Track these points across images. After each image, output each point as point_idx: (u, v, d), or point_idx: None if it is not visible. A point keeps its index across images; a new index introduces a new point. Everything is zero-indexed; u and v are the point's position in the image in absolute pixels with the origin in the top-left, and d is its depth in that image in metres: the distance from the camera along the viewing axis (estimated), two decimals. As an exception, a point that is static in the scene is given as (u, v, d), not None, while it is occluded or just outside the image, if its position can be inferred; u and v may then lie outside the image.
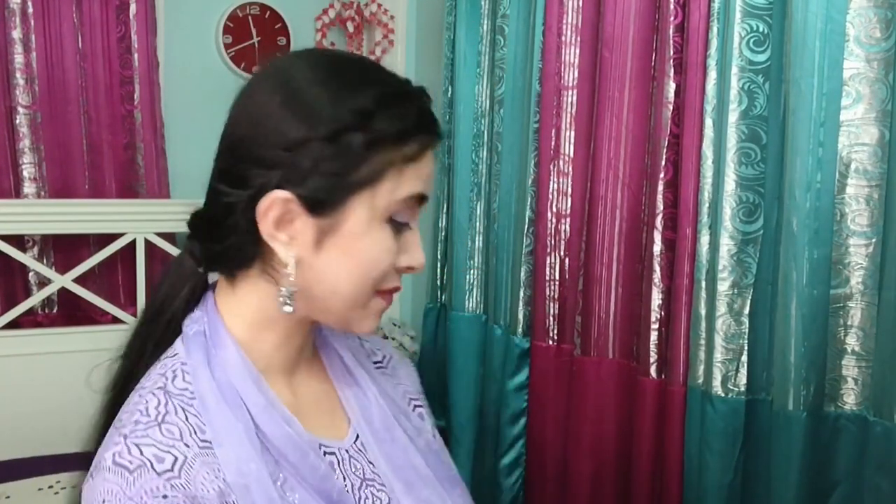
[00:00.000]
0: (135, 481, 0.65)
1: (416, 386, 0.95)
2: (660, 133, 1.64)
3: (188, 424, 0.70)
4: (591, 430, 1.83)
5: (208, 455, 0.69)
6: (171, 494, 0.65)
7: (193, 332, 0.76)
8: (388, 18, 2.55)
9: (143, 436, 0.68)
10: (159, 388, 0.72)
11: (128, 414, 0.71)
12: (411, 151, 0.72)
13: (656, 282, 1.66)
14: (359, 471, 0.79)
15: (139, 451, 0.67)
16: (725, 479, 1.51)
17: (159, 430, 0.69)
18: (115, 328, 2.31)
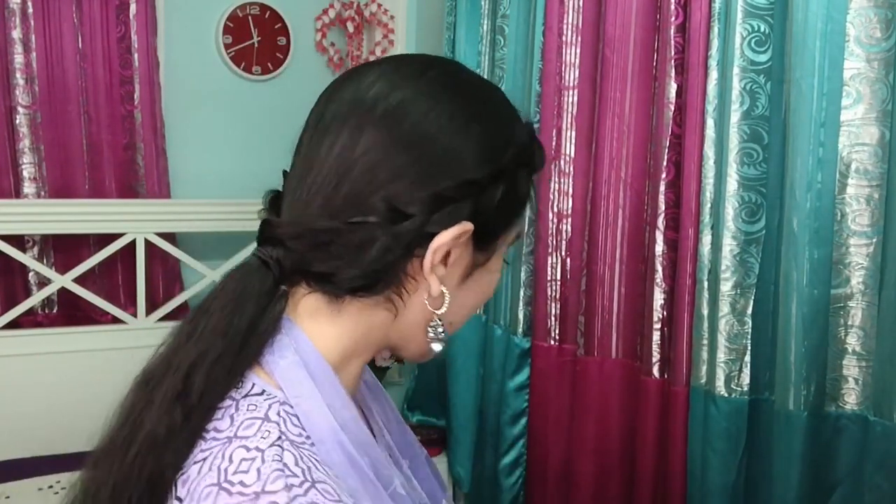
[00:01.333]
0: None
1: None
2: (661, 133, 1.64)
3: (337, 483, 0.59)
4: (593, 429, 1.83)
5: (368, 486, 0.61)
6: None
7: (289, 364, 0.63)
8: (388, 18, 2.55)
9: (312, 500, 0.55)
10: (280, 440, 0.58)
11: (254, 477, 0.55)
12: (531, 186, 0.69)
13: (659, 282, 1.66)
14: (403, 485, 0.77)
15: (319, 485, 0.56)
16: (728, 478, 1.51)
17: (317, 491, 0.56)
18: (115, 328, 2.31)
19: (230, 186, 2.48)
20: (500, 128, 0.66)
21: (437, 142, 0.63)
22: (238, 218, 2.37)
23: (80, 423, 2.46)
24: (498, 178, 0.65)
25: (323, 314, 0.65)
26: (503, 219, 0.67)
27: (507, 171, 0.65)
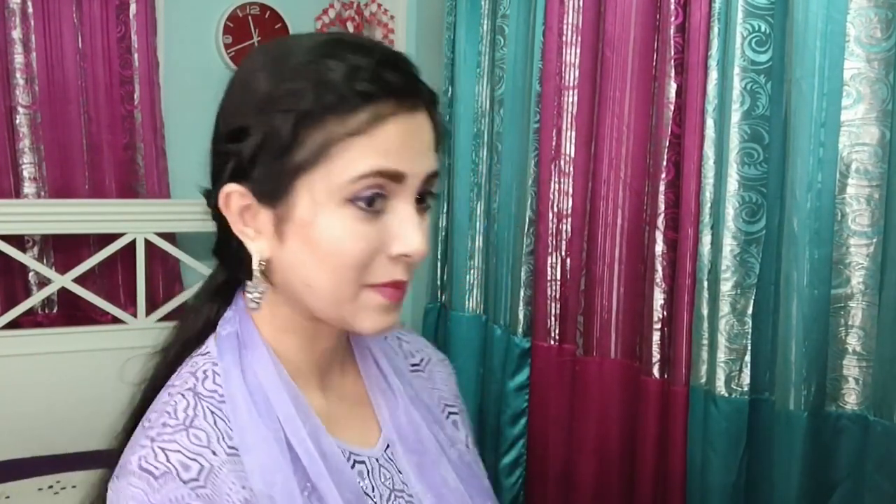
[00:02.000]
0: (160, 488, 0.64)
1: (453, 390, 0.91)
2: (661, 133, 1.64)
3: (216, 429, 0.68)
4: (593, 430, 1.83)
5: (235, 462, 0.67)
6: (189, 499, 0.64)
7: (227, 333, 0.73)
8: (388, 18, 2.55)
9: (171, 440, 0.66)
10: (189, 389, 0.70)
11: (156, 414, 0.69)
12: (358, 123, 0.65)
13: (658, 282, 1.66)
14: (388, 481, 0.76)
15: (165, 457, 0.65)
16: (729, 478, 1.51)
17: (187, 435, 0.67)
18: (115, 328, 2.31)
19: (230, 186, 2.48)
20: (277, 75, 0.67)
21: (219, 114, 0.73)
22: (238, 218, 2.37)
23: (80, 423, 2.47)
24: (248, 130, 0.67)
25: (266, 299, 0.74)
26: (274, 169, 0.67)
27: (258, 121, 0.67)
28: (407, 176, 0.67)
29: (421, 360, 0.90)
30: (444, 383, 0.90)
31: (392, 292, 0.69)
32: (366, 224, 0.66)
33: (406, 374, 0.84)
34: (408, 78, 0.68)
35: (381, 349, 0.83)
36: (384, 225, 0.67)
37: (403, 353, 0.88)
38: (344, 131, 0.65)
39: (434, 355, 0.92)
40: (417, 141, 0.68)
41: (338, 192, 0.66)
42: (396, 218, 0.68)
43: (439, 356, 0.92)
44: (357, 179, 0.65)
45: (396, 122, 0.66)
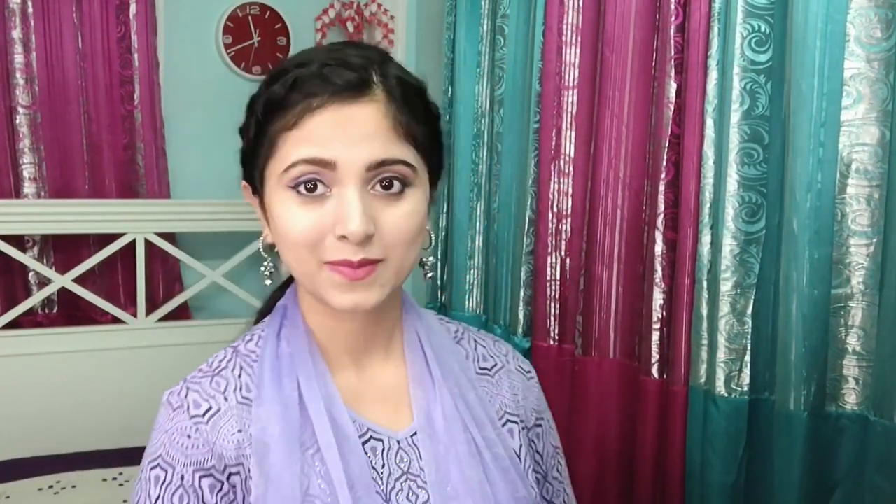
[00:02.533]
0: (173, 418, 0.78)
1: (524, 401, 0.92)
2: (661, 133, 1.64)
3: (238, 381, 0.80)
4: (592, 430, 1.83)
5: (244, 410, 0.78)
6: (193, 436, 0.77)
7: (277, 307, 0.86)
8: (388, 18, 2.55)
9: (196, 383, 0.80)
10: (232, 347, 0.84)
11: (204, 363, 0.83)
12: (292, 118, 0.74)
13: (658, 282, 1.66)
14: (404, 463, 0.81)
15: (185, 394, 0.79)
16: (728, 478, 1.50)
17: (210, 381, 0.80)
18: (115, 328, 2.32)
19: (230, 186, 2.46)
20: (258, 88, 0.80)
21: None
22: (238, 218, 2.38)
23: (80, 423, 2.47)
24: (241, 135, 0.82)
25: None
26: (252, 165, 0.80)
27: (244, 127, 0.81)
28: (337, 163, 0.73)
29: (493, 365, 0.92)
30: (513, 391, 0.91)
31: (347, 271, 0.74)
32: (307, 207, 0.74)
33: (468, 373, 0.88)
34: (353, 73, 0.74)
35: (439, 344, 0.87)
36: (329, 208, 0.74)
37: (476, 355, 0.92)
38: (281, 127, 0.75)
39: (511, 364, 0.94)
40: (354, 130, 0.73)
41: (280, 179, 0.75)
42: (339, 202, 0.74)
43: (519, 366, 0.95)
44: (289, 168, 0.74)
45: (327, 113, 0.73)
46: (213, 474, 0.76)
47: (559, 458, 0.98)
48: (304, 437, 0.76)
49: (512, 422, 0.89)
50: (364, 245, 0.73)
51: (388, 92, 0.75)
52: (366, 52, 0.78)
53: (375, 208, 0.74)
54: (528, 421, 0.91)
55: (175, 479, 0.75)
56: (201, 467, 0.76)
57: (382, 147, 0.74)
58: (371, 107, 0.74)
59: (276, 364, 0.80)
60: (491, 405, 0.87)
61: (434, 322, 0.90)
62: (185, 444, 0.76)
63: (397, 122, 0.75)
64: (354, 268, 0.73)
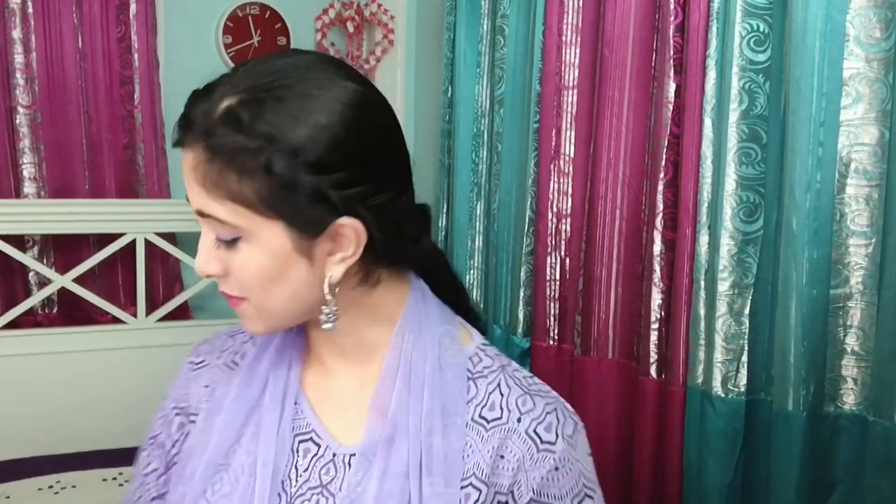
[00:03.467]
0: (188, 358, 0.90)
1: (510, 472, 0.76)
2: (660, 133, 1.64)
3: (241, 347, 0.86)
4: (590, 429, 1.81)
5: (224, 372, 0.86)
6: (184, 378, 0.88)
7: None
8: (388, 18, 2.55)
9: (213, 340, 0.90)
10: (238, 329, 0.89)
11: None
12: None
13: (656, 282, 1.66)
14: (328, 476, 0.76)
15: (201, 344, 0.90)
16: (725, 479, 1.51)
17: (224, 340, 0.89)
18: (114, 328, 2.32)
19: (230, 186, 2.48)
20: None
21: None
22: (238, 218, 2.37)
23: (80, 423, 2.46)
24: None
25: None
26: None
27: None
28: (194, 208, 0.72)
29: (496, 418, 0.77)
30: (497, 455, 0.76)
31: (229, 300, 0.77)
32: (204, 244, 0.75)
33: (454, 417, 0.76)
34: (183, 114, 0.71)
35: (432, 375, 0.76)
36: None
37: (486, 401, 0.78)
38: None
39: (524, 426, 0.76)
40: (186, 176, 0.71)
41: None
42: None
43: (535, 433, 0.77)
44: None
45: (183, 153, 0.71)
46: (181, 413, 0.86)
47: None
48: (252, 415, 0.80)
49: (476, 487, 0.75)
50: (223, 281, 0.74)
51: (202, 140, 0.68)
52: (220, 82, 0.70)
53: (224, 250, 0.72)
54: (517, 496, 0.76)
55: (166, 410, 0.88)
56: (178, 405, 0.87)
57: (196, 198, 0.70)
58: (188, 154, 0.70)
59: (265, 346, 0.83)
60: (464, 461, 0.74)
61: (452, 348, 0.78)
62: (179, 384, 0.88)
63: (205, 177, 0.68)
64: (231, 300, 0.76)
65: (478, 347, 0.81)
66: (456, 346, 0.79)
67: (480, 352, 0.81)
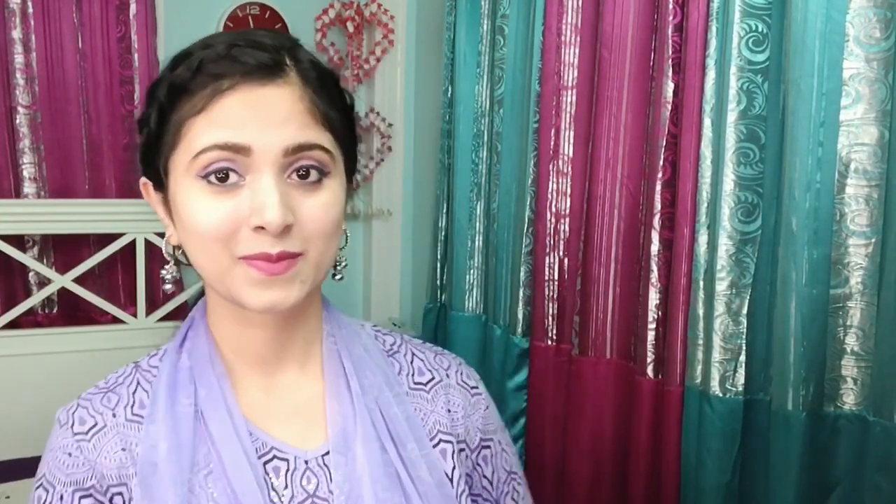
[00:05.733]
0: (59, 436, 0.75)
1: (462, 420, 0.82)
2: (658, 133, 1.64)
3: (132, 397, 0.76)
4: (588, 430, 1.83)
5: (131, 428, 0.74)
6: (74, 454, 0.73)
7: (187, 318, 0.81)
8: (388, 18, 2.55)
9: (87, 399, 0.76)
10: (135, 363, 0.80)
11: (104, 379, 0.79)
12: (200, 102, 0.68)
13: (654, 282, 1.66)
14: (311, 485, 0.74)
15: (74, 411, 0.76)
16: (723, 479, 1.50)
17: (102, 397, 0.76)
18: (115, 328, 2.32)
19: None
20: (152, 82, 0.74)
21: None
22: (238, 218, 2.37)
23: (80, 423, 2.42)
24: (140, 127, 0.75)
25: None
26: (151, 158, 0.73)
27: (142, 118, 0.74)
28: (252, 148, 0.67)
29: (430, 379, 0.83)
30: (450, 408, 0.82)
31: (265, 266, 0.68)
32: (219, 197, 0.68)
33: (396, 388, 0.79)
34: (265, 55, 0.69)
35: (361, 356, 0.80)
36: (244, 198, 0.68)
37: (412, 369, 0.83)
38: (189, 112, 0.69)
39: (453, 378, 0.85)
40: (268, 113, 0.68)
41: (189, 169, 0.69)
42: (253, 190, 0.68)
43: (463, 381, 0.85)
44: (199, 154, 0.68)
45: (237, 95, 0.67)
46: (94, 494, 0.72)
47: (515, 485, 0.90)
48: (197, 456, 0.71)
49: (446, 441, 0.80)
50: (282, 237, 0.67)
51: (302, 75, 0.70)
52: (276, 35, 0.73)
53: (293, 198, 0.68)
54: (470, 442, 0.83)
55: (55, 500, 0.72)
56: (81, 487, 0.72)
57: (299, 131, 0.68)
58: (285, 89, 0.69)
59: (174, 378, 0.74)
60: (422, 423, 0.79)
61: (363, 332, 0.83)
62: (67, 462, 0.73)
63: (314, 105, 0.70)
64: (272, 262, 0.67)
65: (374, 330, 0.86)
66: (365, 332, 0.84)
67: (379, 333, 0.86)
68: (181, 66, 0.70)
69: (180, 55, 0.72)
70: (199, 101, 0.68)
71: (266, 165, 0.67)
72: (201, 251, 0.70)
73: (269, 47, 0.69)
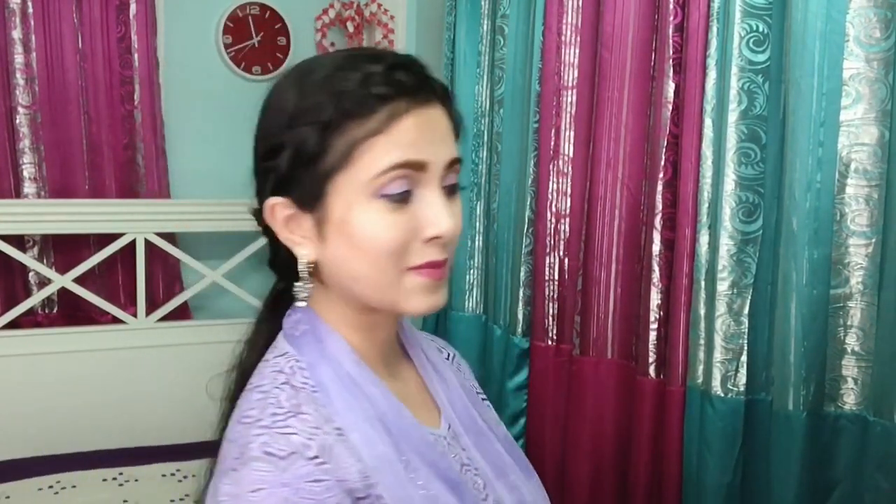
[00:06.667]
0: (287, 468, 0.67)
1: (476, 382, 1.00)
2: (659, 133, 1.64)
3: (320, 415, 0.72)
4: (589, 430, 1.83)
5: (343, 441, 0.72)
6: (323, 478, 0.68)
7: (301, 332, 0.79)
8: (388, 18, 2.55)
9: (286, 426, 0.70)
10: (283, 384, 0.74)
11: (256, 410, 0.72)
12: (377, 123, 0.71)
13: (655, 282, 1.66)
14: (457, 457, 0.82)
15: (286, 441, 0.69)
16: (724, 479, 1.51)
17: (297, 419, 0.71)
18: (114, 328, 2.32)
19: (230, 186, 2.46)
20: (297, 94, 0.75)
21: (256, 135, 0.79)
22: (238, 218, 2.35)
23: (80, 423, 2.46)
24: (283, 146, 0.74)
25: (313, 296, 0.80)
26: (308, 176, 0.74)
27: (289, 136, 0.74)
28: (428, 164, 0.73)
29: (449, 354, 0.97)
30: (470, 374, 0.99)
31: (431, 272, 0.75)
32: (395, 214, 0.72)
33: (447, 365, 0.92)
34: (419, 76, 0.74)
35: (424, 344, 0.91)
36: (414, 213, 0.73)
37: (436, 348, 0.95)
38: (364, 133, 0.71)
39: (456, 351, 1.00)
40: (435, 132, 0.74)
41: (366, 188, 0.72)
42: (425, 204, 0.73)
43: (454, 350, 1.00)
44: (382, 174, 0.71)
45: (412, 117, 0.72)
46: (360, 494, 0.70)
47: None
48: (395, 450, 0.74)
49: (485, 399, 0.96)
50: (445, 247, 0.75)
51: (443, 93, 0.77)
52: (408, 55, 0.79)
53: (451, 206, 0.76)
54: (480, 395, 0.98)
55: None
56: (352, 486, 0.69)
57: (452, 146, 0.76)
58: (438, 107, 0.75)
59: (342, 389, 0.75)
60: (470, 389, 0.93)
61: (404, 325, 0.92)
62: (316, 490, 0.67)
63: (451, 121, 0.78)
64: (438, 268, 0.75)
65: None
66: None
67: None
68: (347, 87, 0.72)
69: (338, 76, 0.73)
70: (374, 124, 0.71)
71: (434, 179, 0.74)
72: (371, 264, 0.74)
73: (421, 71, 0.75)
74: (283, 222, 0.76)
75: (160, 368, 2.32)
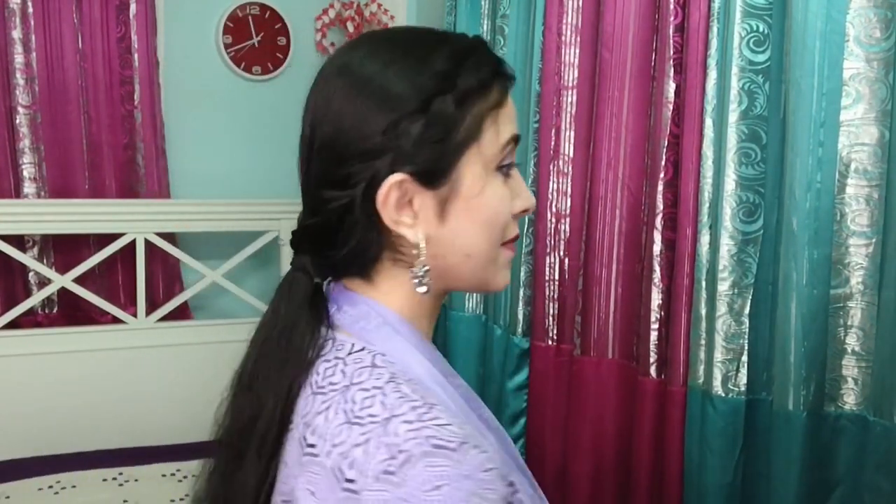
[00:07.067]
0: (462, 459, 0.61)
1: None
2: (659, 133, 1.64)
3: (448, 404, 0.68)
4: (590, 430, 1.83)
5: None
6: (491, 466, 0.62)
7: (375, 325, 0.72)
8: (388, 18, 2.56)
9: (435, 417, 0.63)
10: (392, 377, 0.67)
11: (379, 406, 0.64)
12: (496, 97, 0.73)
13: (656, 282, 1.66)
14: None
15: (450, 431, 0.62)
16: (725, 479, 1.51)
17: (438, 410, 0.64)
18: (114, 328, 2.32)
19: (230, 186, 2.48)
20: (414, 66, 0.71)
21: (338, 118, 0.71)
22: (238, 218, 2.38)
23: (80, 423, 2.46)
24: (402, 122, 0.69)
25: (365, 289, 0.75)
26: (440, 150, 0.70)
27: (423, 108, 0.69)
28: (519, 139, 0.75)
29: None
30: None
31: (514, 246, 0.77)
32: (506, 188, 0.74)
33: None
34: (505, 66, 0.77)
35: None
36: (509, 186, 0.74)
37: None
38: (487, 106, 0.72)
39: None
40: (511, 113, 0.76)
41: (491, 161, 0.72)
42: (514, 179, 0.75)
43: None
44: (503, 147, 0.73)
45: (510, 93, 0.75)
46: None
47: None
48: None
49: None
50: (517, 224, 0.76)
51: None
52: None
53: None
54: None
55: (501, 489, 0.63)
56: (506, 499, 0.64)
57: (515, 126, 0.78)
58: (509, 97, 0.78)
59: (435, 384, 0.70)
60: None
61: None
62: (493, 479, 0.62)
63: None
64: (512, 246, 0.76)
65: None
66: None
67: None
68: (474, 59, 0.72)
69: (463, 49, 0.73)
70: (496, 97, 0.72)
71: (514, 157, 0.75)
72: (487, 239, 0.73)
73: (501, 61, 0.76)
74: (395, 204, 0.70)
75: (160, 368, 2.32)
